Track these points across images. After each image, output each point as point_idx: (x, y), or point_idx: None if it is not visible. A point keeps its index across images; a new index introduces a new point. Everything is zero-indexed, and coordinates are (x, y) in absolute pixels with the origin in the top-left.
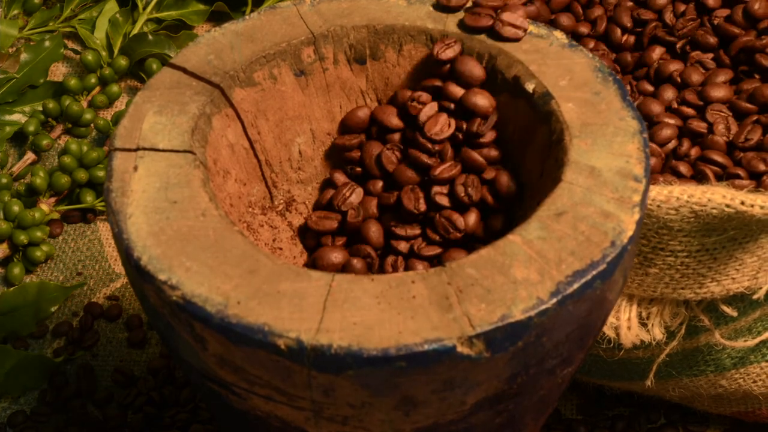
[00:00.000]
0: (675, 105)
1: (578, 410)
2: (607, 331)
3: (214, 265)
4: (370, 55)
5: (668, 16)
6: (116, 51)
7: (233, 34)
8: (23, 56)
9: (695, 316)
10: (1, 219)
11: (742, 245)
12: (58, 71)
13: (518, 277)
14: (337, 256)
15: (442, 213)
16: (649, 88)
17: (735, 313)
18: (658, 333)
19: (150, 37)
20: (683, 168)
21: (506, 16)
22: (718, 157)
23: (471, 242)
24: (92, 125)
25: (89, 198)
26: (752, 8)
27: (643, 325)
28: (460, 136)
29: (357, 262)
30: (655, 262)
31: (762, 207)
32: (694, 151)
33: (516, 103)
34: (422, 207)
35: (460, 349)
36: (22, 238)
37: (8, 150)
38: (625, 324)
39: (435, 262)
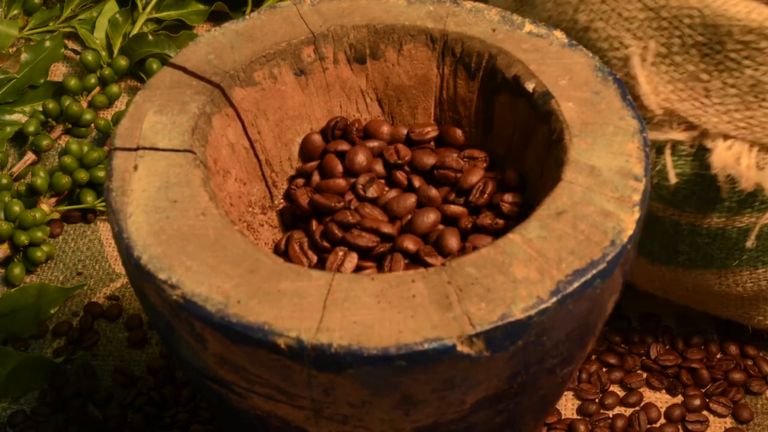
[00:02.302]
0: None
1: (578, 410)
2: (731, 171)
3: (214, 264)
4: (370, 55)
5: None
6: (116, 51)
7: (233, 34)
8: (23, 56)
9: None
10: (1, 219)
11: None
12: (58, 71)
13: (518, 276)
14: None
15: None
16: None
17: None
18: None
19: (150, 37)
20: None
21: None
22: None
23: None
24: (92, 125)
25: (90, 198)
26: None
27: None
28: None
29: None
30: None
31: None
32: None
33: (516, 102)
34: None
35: (460, 348)
36: (23, 238)
37: (8, 150)
38: (746, 170)
39: None
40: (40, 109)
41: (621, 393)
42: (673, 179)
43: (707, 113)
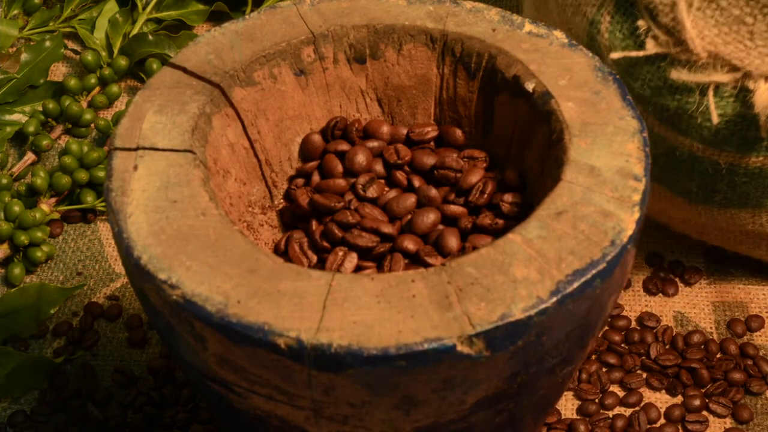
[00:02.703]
0: None
1: (578, 410)
2: None
3: (214, 264)
4: (370, 55)
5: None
6: (116, 51)
7: (233, 34)
8: (23, 56)
9: None
10: (1, 219)
11: None
12: (58, 71)
13: (518, 276)
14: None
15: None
16: None
17: None
18: None
19: (150, 37)
20: None
21: None
22: None
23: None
24: (92, 125)
25: (90, 198)
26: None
27: None
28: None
29: None
30: None
31: None
32: None
33: (516, 102)
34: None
35: (460, 348)
36: (23, 238)
37: (8, 150)
38: None
39: None
40: (40, 109)
41: (621, 393)
42: (715, 119)
43: (750, 55)
